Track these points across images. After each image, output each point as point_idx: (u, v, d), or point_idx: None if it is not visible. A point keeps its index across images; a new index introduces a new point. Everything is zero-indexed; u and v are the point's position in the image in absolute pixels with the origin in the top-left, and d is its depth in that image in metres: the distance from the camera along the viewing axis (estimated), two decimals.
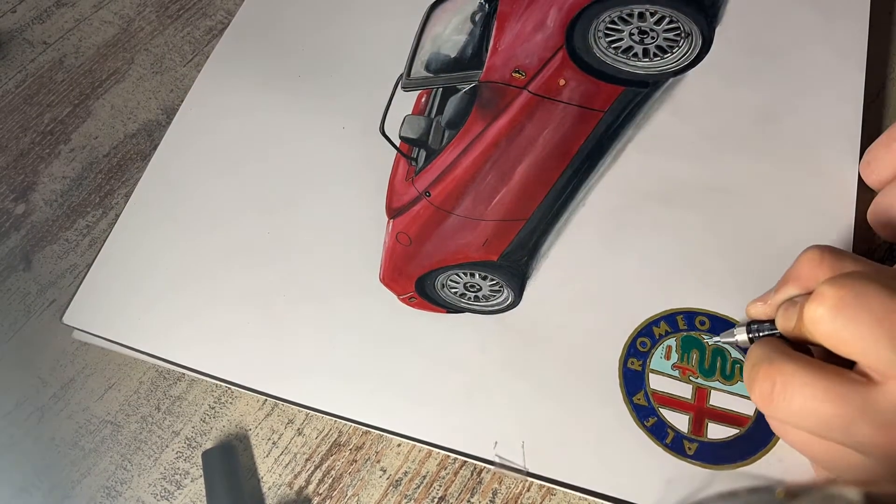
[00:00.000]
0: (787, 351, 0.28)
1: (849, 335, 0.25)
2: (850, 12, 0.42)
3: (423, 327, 0.36)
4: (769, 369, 0.27)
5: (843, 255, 0.29)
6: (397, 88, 0.43)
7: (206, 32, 0.49)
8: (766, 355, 0.28)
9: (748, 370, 0.29)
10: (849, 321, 0.25)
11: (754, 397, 0.28)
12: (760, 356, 0.28)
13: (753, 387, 0.28)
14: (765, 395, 0.27)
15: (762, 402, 0.28)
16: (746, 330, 0.32)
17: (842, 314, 0.25)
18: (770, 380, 0.27)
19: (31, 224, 0.43)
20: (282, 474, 0.36)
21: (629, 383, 0.34)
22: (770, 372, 0.27)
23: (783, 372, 0.27)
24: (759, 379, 0.28)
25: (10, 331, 0.40)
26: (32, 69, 0.48)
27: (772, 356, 0.28)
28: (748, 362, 0.29)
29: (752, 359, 0.29)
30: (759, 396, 0.28)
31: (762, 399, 0.28)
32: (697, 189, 0.38)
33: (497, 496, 0.34)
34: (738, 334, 0.32)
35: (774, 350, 0.28)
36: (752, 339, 0.31)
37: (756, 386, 0.28)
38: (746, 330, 0.32)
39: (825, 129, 0.39)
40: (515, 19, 0.43)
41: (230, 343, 0.37)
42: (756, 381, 0.28)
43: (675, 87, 0.41)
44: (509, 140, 0.40)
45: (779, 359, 0.28)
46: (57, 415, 0.37)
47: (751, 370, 0.29)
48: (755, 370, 0.28)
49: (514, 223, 0.38)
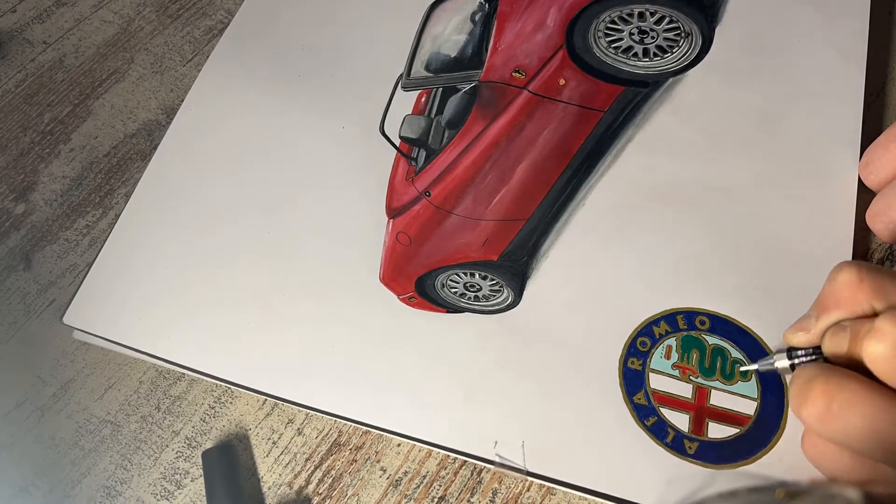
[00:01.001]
0: (845, 370, 0.27)
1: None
2: (850, 12, 0.42)
3: (423, 327, 0.36)
4: (827, 386, 0.26)
5: (882, 274, 0.28)
6: (397, 88, 0.43)
7: (206, 32, 0.49)
8: (819, 373, 0.27)
9: (798, 387, 0.28)
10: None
11: (807, 414, 0.27)
12: (814, 374, 0.27)
13: (806, 404, 0.27)
14: (821, 412, 0.26)
15: (819, 420, 0.27)
16: (787, 356, 0.31)
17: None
18: (828, 396, 0.26)
19: (31, 224, 0.43)
20: (282, 474, 0.36)
21: (629, 383, 0.34)
22: (829, 388, 0.26)
23: (845, 388, 0.26)
24: (814, 394, 0.27)
25: (10, 330, 0.40)
26: (32, 69, 0.48)
27: (827, 374, 0.27)
28: (797, 381, 0.28)
29: (802, 377, 0.28)
30: (814, 413, 0.27)
31: (819, 416, 0.27)
32: (697, 189, 0.38)
33: (497, 496, 0.34)
34: (777, 361, 0.31)
35: (829, 368, 0.27)
36: (792, 366, 0.31)
37: (809, 403, 0.27)
38: (787, 356, 0.31)
39: (825, 128, 0.39)
40: (515, 19, 0.43)
41: (230, 343, 0.37)
42: (810, 397, 0.27)
43: (674, 87, 0.41)
44: (509, 140, 0.40)
45: (837, 376, 0.26)
46: (57, 414, 0.37)
47: (802, 386, 0.27)
48: (809, 385, 0.27)
49: (514, 223, 0.38)
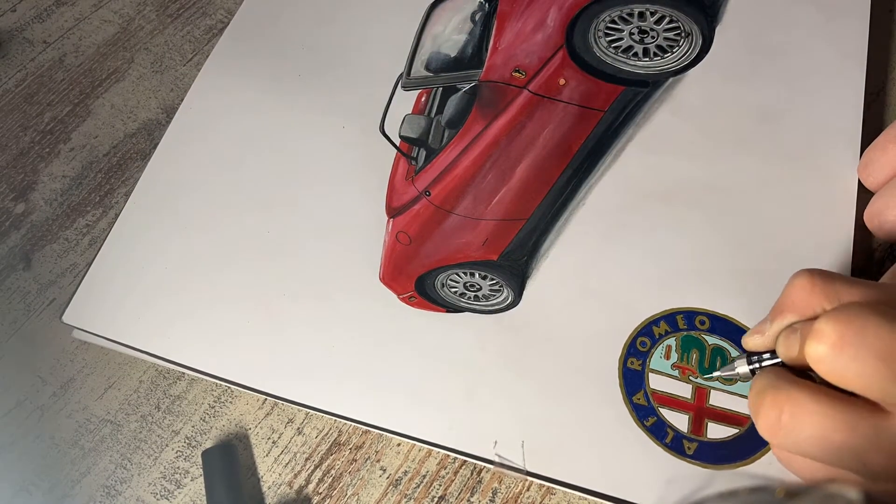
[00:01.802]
0: (794, 379, 0.27)
1: (852, 374, 0.25)
2: (850, 11, 0.42)
3: (423, 327, 0.36)
4: (776, 397, 0.26)
5: (834, 278, 0.28)
6: (397, 88, 0.43)
7: (206, 31, 0.49)
8: (771, 383, 0.27)
9: (753, 399, 0.28)
10: (851, 360, 0.24)
11: (760, 426, 0.27)
12: (765, 384, 0.27)
13: (759, 415, 0.27)
14: (772, 425, 0.26)
15: (769, 432, 0.27)
16: (747, 361, 0.31)
17: (843, 353, 0.24)
18: (777, 408, 0.26)
19: (30, 223, 0.43)
20: (282, 473, 0.36)
21: (629, 383, 0.34)
22: (777, 400, 0.26)
23: (792, 400, 0.26)
24: (765, 407, 0.27)
25: (10, 330, 0.40)
26: (32, 68, 0.48)
27: (778, 384, 0.27)
28: (752, 391, 0.28)
29: (756, 387, 0.28)
30: (765, 426, 0.27)
31: (769, 429, 0.27)
32: (697, 188, 0.38)
33: (497, 495, 0.34)
34: (738, 367, 0.32)
35: (780, 378, 0.27)
36: (752, 371, 0.31)
37: (762, 414, 0.27)
38: (747, 361, 0.31)
39: (825, 128, 0.39)
40: (515, 19, 0.43)
41: (229, 342, 0.37)
42: (762, 409, 0.27)
43: (675, 87, 0.41)
44: (509, 139, 0.40)
45: (786, 386, 0.27)
46: (57, 414, 0.37)
47: (755, 398, 0.28)
48: (760, 398, 0.27)
49: (514, 222, 0.38)
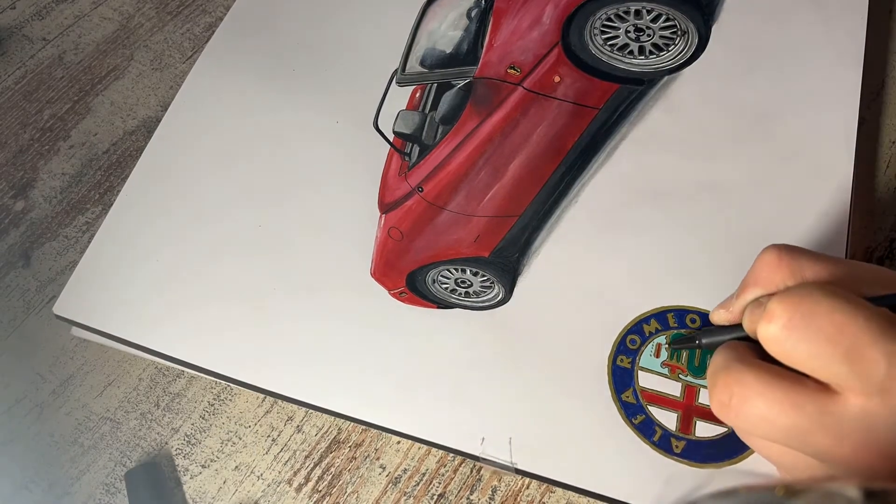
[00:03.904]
0: (747, 359, 0.27)
1: (800, 355, 0.25)
2: (848, 11, 0.42)
3: (413, 323, 0.36)
4: (727, 378, 0.27)
5: (801, 254, 0.28)
6: (392, 83, 0.43)
7: (205, 29, 0.49)
8: (724, 364, 0.27)
9: (708, 379, 0.28)
10: (799, 341, 0.25)
11: (713, 407, 0.28)
12: (719, 365, 0.28)
13: (712, 397, 0.28)
14: (723, 405, 0.27)
15: (721, 412, 0.27)
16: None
17: (793, 334, 0.25)
18: (728, 389, 0.27)
19: (30, 221, 0.43)
20: (281, 471, 0.36)
21: (618, 381, 0.34)
22: (728, 381, 0.27)
23: (740, 382, 0.26)
24: (717, 388, 0.27)
25: (10, 327, 0.40)
26: (32, 65, 0.48)
27: (730, 364, 0.27)
28: (709, 370, 0.29)
29: (711, 367, 0.28)
30: (717, 406, 0.27)
31: (720, 409, 0.27)
32: (691, 187, 0.38)
33: (496, 493, 0.34)
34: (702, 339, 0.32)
35: (734, 358, 0.27)
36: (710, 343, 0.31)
37: (714, 396, 0.27)
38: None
39: (821, 127, 0.39)
40: (511, 15, 0.43)
41: (223, 337, 0.37)
42: (714, 390, 0.27)
43: (670, 85, 0.41)
44: (503, 136, 0.40)
45: (736, 367, 0.27)
46: (56, 411, 0.38)
47: (710, 378, 0.28)
48: (714, 378, 0.28)
49: (507, 219, 0.38)
